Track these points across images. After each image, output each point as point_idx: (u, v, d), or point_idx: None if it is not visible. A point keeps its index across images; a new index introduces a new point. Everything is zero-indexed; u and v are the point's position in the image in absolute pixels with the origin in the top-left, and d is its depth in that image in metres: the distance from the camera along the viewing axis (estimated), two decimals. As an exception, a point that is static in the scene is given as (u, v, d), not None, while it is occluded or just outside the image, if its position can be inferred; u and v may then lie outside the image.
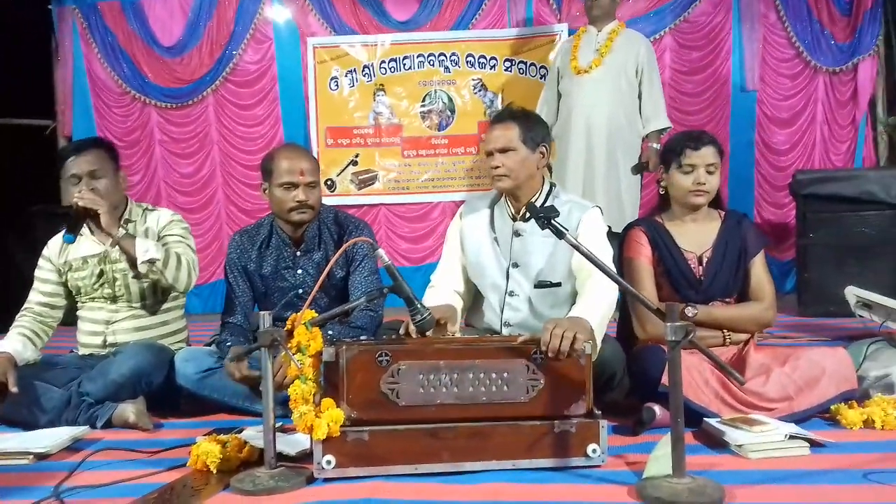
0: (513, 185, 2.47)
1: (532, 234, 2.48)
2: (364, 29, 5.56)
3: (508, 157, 2.45)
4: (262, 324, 1.92)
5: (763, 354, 2.45)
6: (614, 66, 4.33)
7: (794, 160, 5.44)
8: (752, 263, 2.55)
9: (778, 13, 5.40)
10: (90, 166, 2.68)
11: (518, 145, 2.45)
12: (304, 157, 2.72)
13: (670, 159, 2.55)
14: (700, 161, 2.49)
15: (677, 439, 1.76)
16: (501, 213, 2.57)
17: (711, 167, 2.50)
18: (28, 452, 2.18)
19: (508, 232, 2.53)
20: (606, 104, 4.31)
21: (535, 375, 1.97)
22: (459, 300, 2.58)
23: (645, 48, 4.40)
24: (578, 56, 4.42)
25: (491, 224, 2.58)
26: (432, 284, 2.61)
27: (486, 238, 2.56)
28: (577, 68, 4.39)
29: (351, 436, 1.90)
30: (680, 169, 2.51)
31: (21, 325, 2.73)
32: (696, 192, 2.51)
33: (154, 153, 5.70)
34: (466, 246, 2.60)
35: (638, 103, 4.39)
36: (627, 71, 4.33)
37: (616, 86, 4.32)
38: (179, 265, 2.67)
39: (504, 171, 2.44)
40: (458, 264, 2.63)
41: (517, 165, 2.44)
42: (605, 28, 4.42)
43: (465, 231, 2.61)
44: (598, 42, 4.40)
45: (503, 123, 2.48)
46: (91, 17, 5.60)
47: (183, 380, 2.63)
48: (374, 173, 5.59)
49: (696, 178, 2.49)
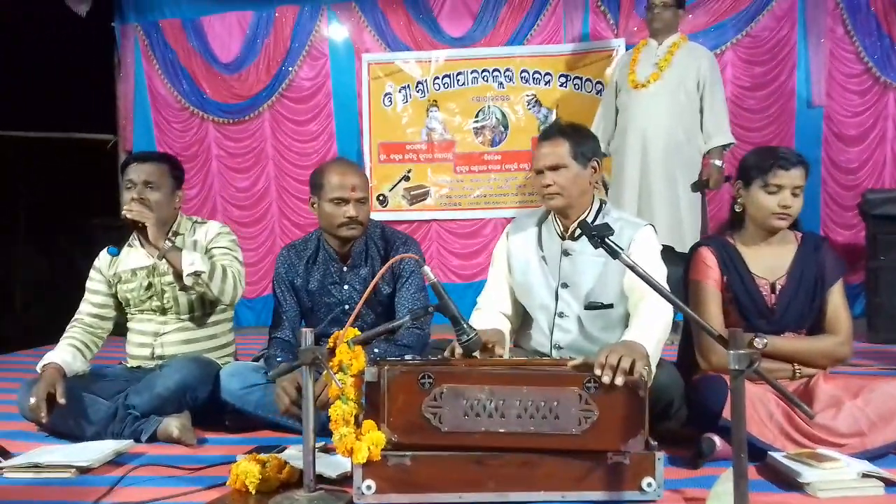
0: (565, 204, 2.38)
1: (582, 254, 2.39)
2: (418, 45, 5.55)
3: (560, 174, 2.36)
4: (304, 341, 1.87)
5: (833, 386, 2.28)
6: (673, 80, 4.17)
7: (863, 179, 5.21)
8: (830, 293, 2.37)
9: (846, 27, 5.20)
10: (147, 176, 2.70)
11: (569, 162, 2.36)
12: (355, 173, 2.67)
13: (754, 176, 2.35)
14: (789, 182, 2.31)
15: (740, 476, 1.63)
16: (549, 232, 2.48)
17: (798, 189, 2.33)
18: (71, 466, 2.17)
19: (557, 251, 2.44)
20: (664, 119, 4.15)
21: (589, 406, 1.85)
22: (507, 323, 2.49)
23: (707, 61, 4.22)
24: (637, 70, 4.28)
25: (539, 243, 2.49)
26: (479, 307, 2.53)
27: (534, 257, 2.48)
28: (634, 82, 4.25)
29: (392, 460, 1.83)
30: (765, 188, 2.32)
31: (71, 336, 2.75)
32: (781, 216, 2.33)
33: (211, 168, 5.78)
34: (514, 266, 2.52)
35: (699, 118, 4.21)
36: (687, 85, 4.16)
37: (674, 100, 4.15)
38: (225, 278, 2.66)
39: (556, 189, 2.36)
40: (506, 285, 2.54)
41: (569, 183, 2.36)
42: (665, 41, 4.27)
43: (513, 250, 2.53)
44: (658, 55, 4.25)
45: (552, 140, 2.40)
46: (152, 35, 5.73)
47: (227, 395, 2.60)
48: (426, 189, 5.55)
49: (782, 200, 2.31)
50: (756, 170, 2.35)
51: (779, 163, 2.31)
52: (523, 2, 5.43)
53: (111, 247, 2.65)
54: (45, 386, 2.45)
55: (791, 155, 2.35)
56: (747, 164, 2.41)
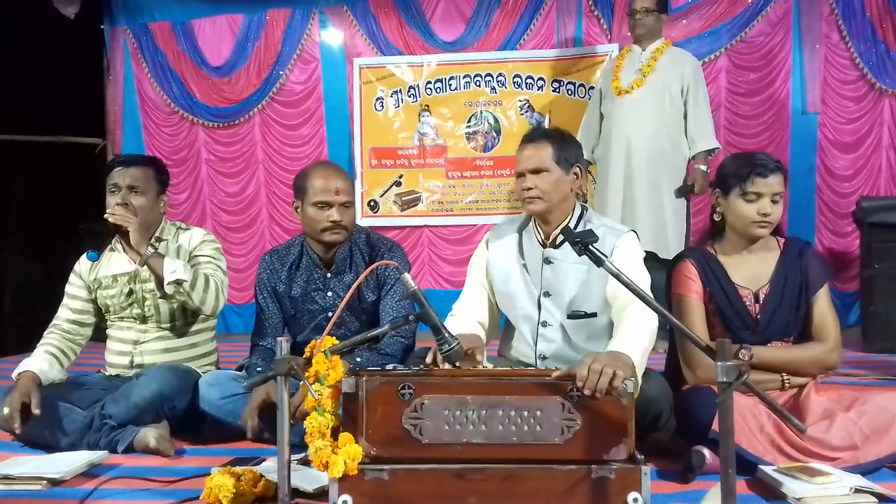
0: (545, 209, 2.33)
1: (564, 261, 2.34)
2: (410, 49, 5.50)
3: (542, 178, 2.31)
4: (280, 350, 1.81)
5: (826, 398, 2.22)
6: (657, 85, 4.14)
7: (858, 186, 5.16)
8: (815, 299, 2.31)
9: (840, 33, 5.16)
10: (132, 180, 2.65)
11: (551, 166, 2.32)
12: (339, 176, 2.62)
13: (731, 184, 2.29)
14: (767, 190, 2.25)
15: (728, 493, 1.57)
16: (530, 239, 2.43)
17: (777, 196, 2.27)
18: (42, 478, 2.10)
19: (538, 259, 2.39)
20: (647, 125, 4.12)
21: (571, 415, 1.80)
22: (482, 330, 2.44)
23: (691, 67, 4.19)
24: (620, 76, 4.26)
25: (520, 251, 2.44)
26: (453, 314, 2.47)
27: (516, 266, 2.42)
28: (618, 89, 4.23)
29: (370, 474, 1.77)
30: (743, 196, 2.27)
31: (48, 343, 2.68)
32: (761, 224, 2.28)
33: (200, 172, 5.72)
34: (494, 275, 2.46)
35: (683, 124, 4.18)
36: (671, 91, 4.13)
37: (659, 106, 4.12)
38: (207, 287, 2.60)
39: (537, 192, 2.31)
40: (482, 295, 2.49)
41: (550, 187, 2.31)
42: (649, 47, 4.24)
43: (492, 260, 2.48)
44: (642, 61, 4.22)
45: (535, 143, 2.35)
46: (142, 38, 5.68)
47: (206, 405, 2.54)
48: (417, 195, 5.50)
49: (761, 207, 2.26)
50: (734, 178, 2.29)
51: (756, 170, 2.25)
52: (516, 6, 5.39)
53: (91, 252, 2.60)
54: (19, 396, 2.39)
55: (769, 161, 2.29)
56: (725, 172, 2.35)
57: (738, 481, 1.94)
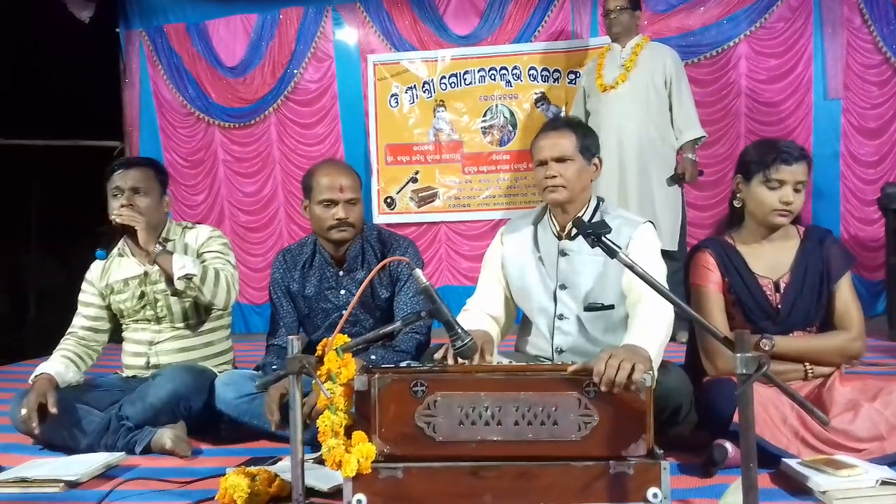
0: (568, 197, 2.29)
1: (580, 253, 2.29)
2: (424, 45, 5.46)
3: (566, 167, 2.27)
4: (291, 349, 1.79)
5: (850, 388, 2.16)
6: (640, 80, 4.21)
7: (884, 173, 5.04)
8: (837, 287, 2.25)
9: (863, 17, 5.04)
10: (134, 182, 2.65)
11: (575, 155, 2.28)
12: (344, 173, 2.60)
13: (754, 171, 2.24)
14: (790, 177, 2.20)
15: (750, 487, 1.53)
16: (545, 232, 2.39)
17: (800, 185, 2.22)
18: (59, 480, 2.11)
19: (554, 251, 2.35)
20: (635, 120, 4.18)
21: (588, 411, 1.77)
22: (496, 326, 2.40)
23: (671, 59, 4.26)
24: (604, 73, 4.34)
25: (535, 244, 2.40)
26: (467, 308, 2.44)
27: (531, 259, 2.38)
28: (602, 86, 4.31)
29: (384, 473, 1.75)
30: (766, 183, 2.21)
31: (64, 348, 2.69)
32: (781, 212, 2.22)
33: (217, 173, 5.73)
34: (510, 270, 2.43)
35: (669, 115, 4.25)
36: (655, 83, 4.20)
37: (644, 100, 4.19)
38: (217, 281, 2.60)
39: (561, 181, 2.26)
40: (497, 290, 2.46)
41: (574, 176, 2.27)
42: (629, 44, 4.32)
43: (507, 254, 2.44)
44: (623, 57, 4.30)
45: (559, 131, 2.32)
46: (157, 40, 5.70)
47: (222, 405, 2.54)
48: (434, 190, 5.46)
49: (783, 196, 2.20)
50: (757, 164, 2.24)
51: (781, 157, 2.20)
52: (531, -2, 5.34)
53: (99, 250, 2.58)
54: (35, 396, 2.40)
55: (794, 148, 2.23)
56: (748, 158, 2.29)
57: (761, 475, 1.90)
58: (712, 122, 4.96)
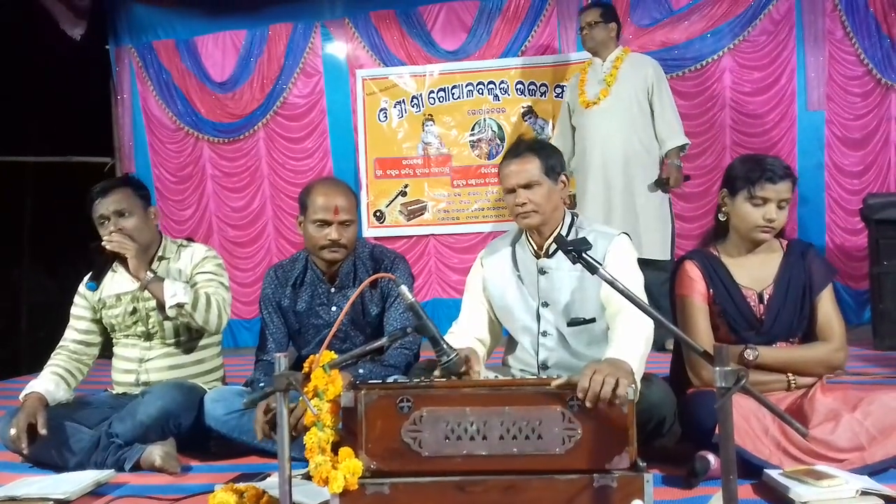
0: (541, 221, 2.32)
1: (558, 270, 2.33)
2: (413, 60, 5.52)
3: (534, 192, 2.30)
4: (279, 366, 1.81)
5: (831, 398, 2.20)
6: (623, 93, 4.25)
7: (868, 183, 5.12)
8: (819, 299, 2.30)
9: (844, 29, 5.13)
10: (117, 206, 2.65)
11: (542, 178, 2.30)
12: (340, 194, 2.58)
13: (739, 187, 2.28)
14: (775, 195, 2.25)
15: (730, 499, 1.56)
16: (524, 252, 2.42)
17: (784, 202, 2.27)
18: (48, 499, 2.11)
19: (534, 270, 2.38)
20: (619, 133, 4.23)
21: (572, 424, 1.79)
22: (482, 347, 2.43)
23: (652, 68, 4.30)
24: (586, 89, 4.39)
25: (514, 264, 2.43)
26: (452, 332, 2.46)
27: (511, 279, 2.41)
28: (585, 102, 4.35)
29: (370, 489, 1.77)
30: (751, 200, 2.26)
31: (55, 364, 2.70)
32: (765, 229, 2.27)
33: (206, 188, 5.76)
34: (492, 292, 2.46)
35: (652, 125, 4.29)
36: (638, 95, 4.25)
37: (628, 114, 4.23)
38: (209, 307, 2.61)
39: (531, 207, 2.29)
40: (481, 311, 2.48)
41: (543, 199, 2.30)
42: (609, 57, 4.36)
43: (488, 276, 2.47)
44: (604, 72, 4.34)
45: (522, 157, 2.33)
46: (146, 56, 5.74)
47: (212, 421, 2.55)
48: (423, 204, 5.50)
49: (767, 213, 2.25)
50: (742, 180, 2.29)
51: (766, 175, 2.24)
52: (517, 13, 5.40)
53: (90, 282, 2.65)
54: (25, 416, 2.41)
55: (778, 167, 2.28)
56: (734, 174, 2.34)
57: (744, 486, 1.93)
58: (698, 134, 5.02)
